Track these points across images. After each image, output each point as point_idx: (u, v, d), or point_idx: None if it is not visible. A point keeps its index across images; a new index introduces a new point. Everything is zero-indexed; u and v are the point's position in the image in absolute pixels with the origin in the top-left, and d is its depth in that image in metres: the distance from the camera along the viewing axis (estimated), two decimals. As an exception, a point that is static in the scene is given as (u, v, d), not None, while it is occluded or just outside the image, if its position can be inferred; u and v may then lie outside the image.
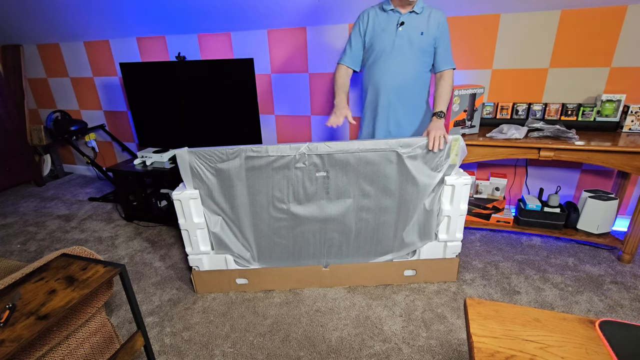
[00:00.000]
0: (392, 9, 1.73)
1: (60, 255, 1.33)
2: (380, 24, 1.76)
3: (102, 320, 1.39)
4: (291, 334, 1.67)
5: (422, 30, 1.73)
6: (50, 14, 2.96)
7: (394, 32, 1.74)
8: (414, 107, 1.89)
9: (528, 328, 0.78)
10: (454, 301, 1.82)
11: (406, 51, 1.76)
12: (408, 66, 1.79)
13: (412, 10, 1.72)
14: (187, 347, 1.62)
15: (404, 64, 1.78)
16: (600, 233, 2.15)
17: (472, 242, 2.33)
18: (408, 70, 1.79)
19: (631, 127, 2.00)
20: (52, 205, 3.20)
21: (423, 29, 1.73)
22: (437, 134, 1.65)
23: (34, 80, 3.62)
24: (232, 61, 2.41)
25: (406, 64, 1.78)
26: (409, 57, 1.77)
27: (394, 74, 1.80)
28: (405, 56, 1.77)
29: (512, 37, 2.17)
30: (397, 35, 1.74)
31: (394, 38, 1.75)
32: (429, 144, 1.66)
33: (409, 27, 1.73)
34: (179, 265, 2.23)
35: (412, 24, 1.73)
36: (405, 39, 1.74)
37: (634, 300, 1.78)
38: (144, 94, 2.71)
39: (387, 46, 1.76)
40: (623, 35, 1.99)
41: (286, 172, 1.71)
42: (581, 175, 2.36)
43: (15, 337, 0.96)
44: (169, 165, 2.68)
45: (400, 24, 1.73)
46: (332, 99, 1.93)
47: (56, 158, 3.85)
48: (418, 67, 1.80)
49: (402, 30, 1.73)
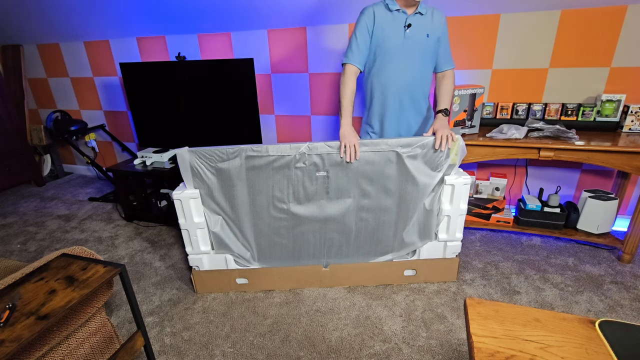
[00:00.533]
0: (398, 9, 1.69)
1: (60, 255, 1.33)
2: (388, 24, 1.72)
3: (102, 320, 1.39)
4: (291, 334, 1.67)
5: (427, 32, 1.72)
6: (50, 14, 2.96)
7: (402, 34, 1.71)
8: (421, 108, 1.88)
9: (528, 328, 0.78)
10: (454, 301, 1.82)
11: (414, 53, 1.74)
12: (416, 68, 1.77)
13: (417, 11, 1.70)
14: (187, 347, 1.62)
15: (413, 66, 1.76)
16: (600, 233, 2.15)
17: (472, 242, 2.33)
18: (416, 72, 1.78)
19: (631, 127, 2.00)
20: (52, 205, 3.20)
21: (428, 30, 1.72)
22: (444, 133, 1.64)
23: (34, 80, 3.62)
24: (232, 61, 2.41)
25: (414, 66, 1.76)
26: (416, 59, 1.75)
27: (404, 76, 1.77)
28: (414, 58, 1.75)
29: (512, 37, 2.17)
30: (405, 37, 1.71)
31: (402, 40, 1.72)
32: (436, 143, 1.65)
33: (415, 29, 1.71)
34: (179, 265, 2.23)
35: (419, 26, 1.71)
36: (413, 41, 1.72)
37: (634, 300, 1.78)
38: (144, 94, 2.71)
39: (396, 48, 1.73)
40: (623, 35, 1.99)
41: (286, 172, 1.71)
42: (581, 175, 2.36)
43: (15, 337, 0.96)
44: (169, 165, 2.68)
45: (408, 25, 1.70)
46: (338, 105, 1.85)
47: (56, 158, 3.85)
48: (424, 68, 1.79)
49: (409, 33, 1.70)
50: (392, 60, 1.75)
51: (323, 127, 2.85)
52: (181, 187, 1.78)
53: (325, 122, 2.82)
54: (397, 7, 1.69)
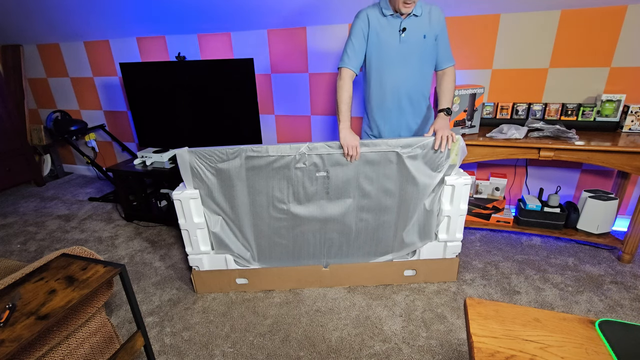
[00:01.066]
0: (392, 13, 1.69)
1: (60, 255, 1.33)
2: (383, 29, 1.71)
3: (102, 320, 1.39)
4: (291, 334, 1.67)
5: (424, 33, 1.70)
6: (50, 14, 2.96)
7: (397, 38, 1.70)
8: (421, 109, 1.87)
9: (528, 328, 0.78)
10: (454, 301, 1.82)
11: (411, 57, 1.73)
12: (414, 70, 1.76)
13: (412, 13, 1.68)
14: (187, 347, 1.62)
15: (411, 69, 1.75)
16: (600, 233, 2.15)
17: (472, 242, 2.33)
18: (414, 75, 1.77)
19: (631, 127, 2.00)
20: (52, 205, 3.20)
21: (425, 31, 1.70)
22: (445, 134, 1.64)
23: (34, 80, 3.62)
24: (232, 61, 2.41)
25: (412, 69, 1.76)
26: (414, 62, 1.74)
27: (402, 80, 1.77)
28: (411, 61, 1.74)
29: (512, 37, 2.17)
30: (401, 41, 1.70)
31: (398, 44, 1.71)
32: (436, 144, 1.65)
33: (411, 32, 1.70)
34: (179, 265, 2.23)
35: (414, 29, 1.70)
36: (409, 45, 1.71)
37: (634, 300, 1.78)
38: (144, 94, 2.71)
39: (392, 53, 1.73)
40: (623, 35, 1.99)
41: (286, 172, 1.71)
42: (581, 175, 2.36)
43: (15, 337, 0.96)
44: (169, 165, 2.68)
45: (403, 29, 1.69)
46: (336, 111, 1.83)
47: (56, 158, 3.85)
48: (423, 70, 1.78)
49: (404, 37, 1.70)
50: (389, 65, 1.75)
51: (323, 127, 2.85)
52: (181, 187, 1.78)
53: (325, 122, 2.82)
54: (391, 12, 1.68)
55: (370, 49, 1.75)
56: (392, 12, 1.68)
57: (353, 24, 1.75)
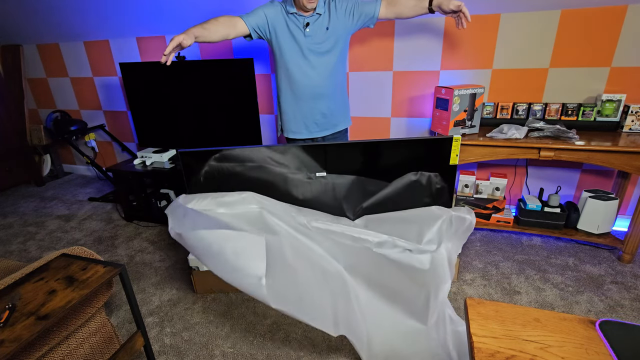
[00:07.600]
0: (295, 12, 1.73)
1: (60, 255, 1.33)
2: (287, 25, 1.75)
3: (102, 321, 1.39)
4: (291, 334, 1.67)
5: (327, 26, 1.75)
6: (50, 14, 2.95)
7: (302, 34, 1.75)
8: (335, 97, 1.91)
9: (528, 328, 0.78)
10: (454, 301, 1.82)
11: (317, 51, 1.77)
12: (322, 64, 1.80)
13: (315, 12, 1.73)
14: (187, 347, 1.62)
15: (317, 63, 1.79)
16: (601, 233, 2.15)
17: (472, 242, 2.33)
18: (322, 70, 1.81)
19: (631, 127, 2.00)
20: (52, 205, 3.20)
21: (328, 24, 1.75)
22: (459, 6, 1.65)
23: (33, 80, 3.62)
24: (232, 61, 2.41)
25: (319, 63, 1.79)
26: (320, 56, 1.78)
27: (309, 75, 1.81)
28: (317, 56, 1.78)
29: (512, 37, 2.17)
30: (306, 36, 1.75)
31: (302, 39, 1.75)
32: (462, 21, 1.68)
33: (315, 27, 1.75)
34: (179, 265, 2.23)
35: (318, 23, 1.74)
36: (314, 39, 1.75)
37: (634, 300, 1.78)
38: (144, 94, 2.71)
39: (296, 50, 1.77)
40: (623, 35, 1.98)
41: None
42: (581, 175, 2.35)
43: (15, 337, 0.96)
44: (169, 165, 2.68)
45: (306, 25, 1.74)
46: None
47: (56, 158, 3.85)
48: (332, 61, 1.81)
49: (309, 31, 1.74)
50: (295, 61, 1.79)
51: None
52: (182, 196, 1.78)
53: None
54: (294, 11, 1.73)
55: (275, 45, 1.81)
56: (295, 11, 1.73)
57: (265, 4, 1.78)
